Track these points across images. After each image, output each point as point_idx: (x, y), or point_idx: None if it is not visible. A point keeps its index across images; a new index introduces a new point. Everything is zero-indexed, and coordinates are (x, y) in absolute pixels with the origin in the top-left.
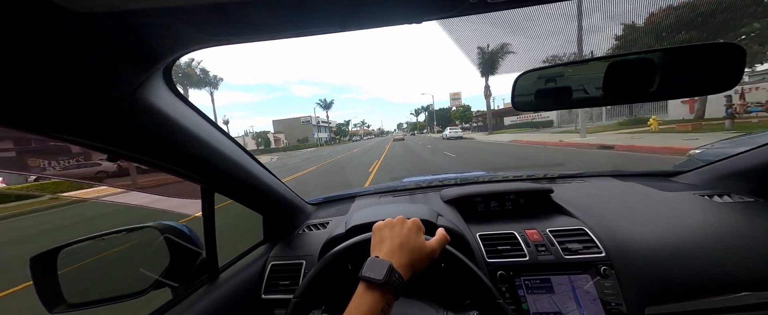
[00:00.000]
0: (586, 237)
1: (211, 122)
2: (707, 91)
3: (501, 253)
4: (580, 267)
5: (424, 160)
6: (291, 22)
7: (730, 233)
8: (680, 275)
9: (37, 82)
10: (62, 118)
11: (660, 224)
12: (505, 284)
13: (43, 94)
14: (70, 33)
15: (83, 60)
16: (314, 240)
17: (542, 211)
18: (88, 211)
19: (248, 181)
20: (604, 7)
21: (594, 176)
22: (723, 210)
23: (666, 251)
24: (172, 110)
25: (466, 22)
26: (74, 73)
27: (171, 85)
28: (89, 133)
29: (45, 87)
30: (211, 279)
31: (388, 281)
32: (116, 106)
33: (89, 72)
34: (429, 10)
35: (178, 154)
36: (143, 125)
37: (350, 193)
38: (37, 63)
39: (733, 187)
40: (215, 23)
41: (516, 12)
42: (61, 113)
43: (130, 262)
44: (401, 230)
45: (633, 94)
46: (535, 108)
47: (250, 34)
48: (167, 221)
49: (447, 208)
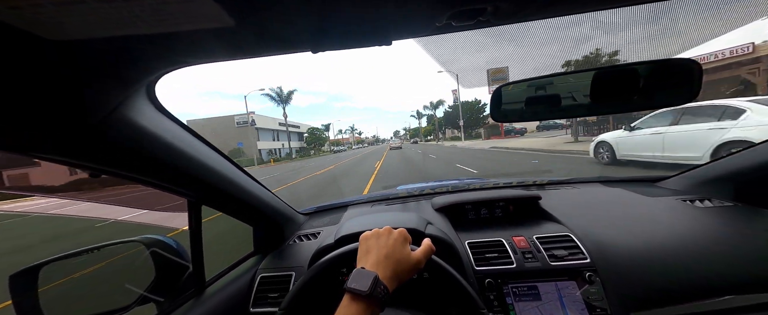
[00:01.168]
0: (571, 243)
1: (197, 136)
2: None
3: (489, 260)
4: (566, 273)
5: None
6: (262, 44)
7: (710, 237)
8: (663, 280)
9: (15, 105)
10: (42, 138)
11: (643, 230)
12: (493, 292)
13: (22, 115)
14: (48, 59)
15: (61, 83)
16: (304, 250)
17: (531, 218)
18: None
19: (236, 192)
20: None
21: (582, 183)
22: (704, 215)
23: (649, 256)
24: (155, 125)
25: (442, 40)
26: (52, 96)
27: (155, 101)
28: (70, 152)
29: (24, 109)
30: (197, 293)
31: (373, 293)
32: (97, 125)
33: (67, 94)
34: (399, 32)
35: (162, 169)
36: (126, 142)
37: (343, 202)
38: (14, 87)
39: (713, 191)
40: (190, 46)
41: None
42: (40, 134)
43: (115, 278)
44: (387, 241)
45: (619, 104)
46: (515, 118)
47: (226, 56)
48: (153, 235)
49: (437, 216)
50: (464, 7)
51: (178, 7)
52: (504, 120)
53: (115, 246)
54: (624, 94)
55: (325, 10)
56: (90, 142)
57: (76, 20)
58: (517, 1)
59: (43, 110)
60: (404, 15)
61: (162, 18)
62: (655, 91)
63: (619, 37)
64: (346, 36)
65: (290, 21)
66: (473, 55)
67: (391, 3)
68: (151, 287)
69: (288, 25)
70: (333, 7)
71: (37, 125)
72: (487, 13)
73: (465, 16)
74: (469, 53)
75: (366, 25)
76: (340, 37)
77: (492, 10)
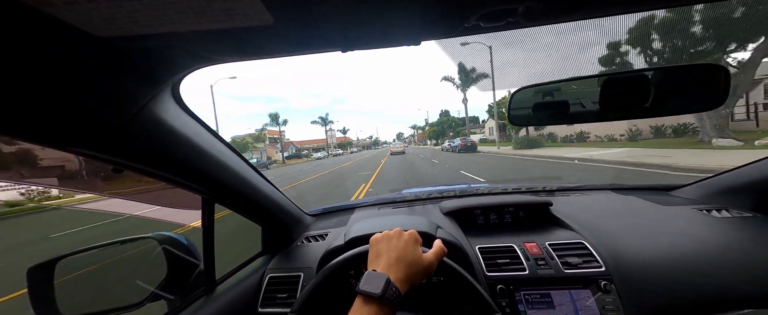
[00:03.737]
0: (585, 251)
1: (215, 134)
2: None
3: (500, 266)
4: (581, 281)
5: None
6: (294, 43)
7: (729, 249)
8: (680, 291)
9: (53, 100)
10: (76, 133)
11: (659, 239)
12: (505, 298)
13: (59, 111)
14: (88, 55)
15: (97, 79)
16: (313, 252)
17: (541, 224)
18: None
19: (249, 191)
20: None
21: (592, 189)
22: (721, 225)
23: (665, 266)
24: (178, 123)
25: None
26: (88, 92)
27: (179, 99)
28: (101, 147)
29: (65, 105)
30: (207, 291)
31: (386, 295)
32: (126, 121)
33: (102, 90)
34: (427, 33)
35: (183, 166)
36: (151, 138)
37: (350, 204)
38: (55, 82)
39: (730, 201)
40: (221, 44)
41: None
42: (75, 129)
43: (127, 274)
44: (398, 243)
45: (629, 111)
46: (531, 122)
47: (255, 54)
48: (166, 232)
49: (446, 221)
50: (495, 8)
51: (223, 4)
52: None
53: (129, 242)
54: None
55: (358, 10)
56: (120, 138)
57: (126, 16)
58: (548, 1)
59: (82, 106)
60: (435, 17)
61: (206, 15)
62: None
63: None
64: (377, 36)
65: (324, 20)
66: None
67: (423, 4)
68: (162, 284)
69: (321, 24)
70: (366, 7)
71: (75, 121)
72: (517, 14)
73: (495, 17)
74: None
75: (396, 26)
76: (370, 37)
77: (523, 11)
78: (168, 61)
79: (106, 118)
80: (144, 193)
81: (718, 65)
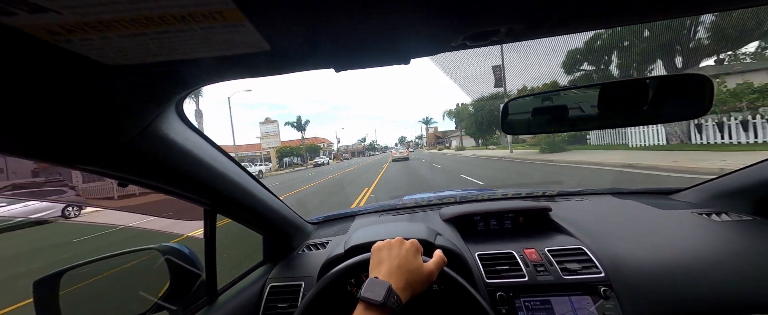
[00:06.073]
0: (585, 256)
1: (217, 146)
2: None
3: (500, 273)
4: (581, 288)
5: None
6: (289, 65)
7: (730, 253)
8: (683, 297)
9: (65, 123)
10: (85, 152)
11: (659, 244)
12: (504, 306)
13: (69, 132)
14: (99, 81)
15: (106, 102)
16: (314, 260)
17: (541, 230)
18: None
19: (250, 202)
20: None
21: (592, 194)
22: (722, 229)
23: (666, 272)
24: (181, 138)
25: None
26: (97, 114)
27: (182, 115)
28: (108, 164)
29: (71, 127)
30: (209, 302)
31: (387, 302)
32: (133, 139)
33: (110, 112)
34: (416, 52)
35: (186, 178)
36: (156, 154)
37: (350, 212)
38: (67, 107)
39: (730, 205)
40: (222, 67)
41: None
42: (84, 148)
43: (130, 285)
44: (399, 252)
45: (626, 118)
46: (529, 130)
47: (253, 74)
48: (168, 243)
49: (446, 227)
50: (479, 30)
51: (224, 36)
52: (512, 132)
53: (132, 253)
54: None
55: (350, 35)
56: (126, 155)
57: (136, 48)
58: (530, 23)
59: (91, 127)
60: (422, 38)
61: (208, 45)
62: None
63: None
64: (368, 56)
65: (317, 43)
66: (479, 63)
67: (411, 27)
68: (164, 295)
69: (314, 46)
70: (358, 30)
71: (84, 141)
72: (501, 34)
73: (480, 37)
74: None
75: (387, 46)
76: (362, 57)
77: (505, 31)
78: (172, 82)
79: (113, 136)
80: (147, 204)
81: (701, 75)
